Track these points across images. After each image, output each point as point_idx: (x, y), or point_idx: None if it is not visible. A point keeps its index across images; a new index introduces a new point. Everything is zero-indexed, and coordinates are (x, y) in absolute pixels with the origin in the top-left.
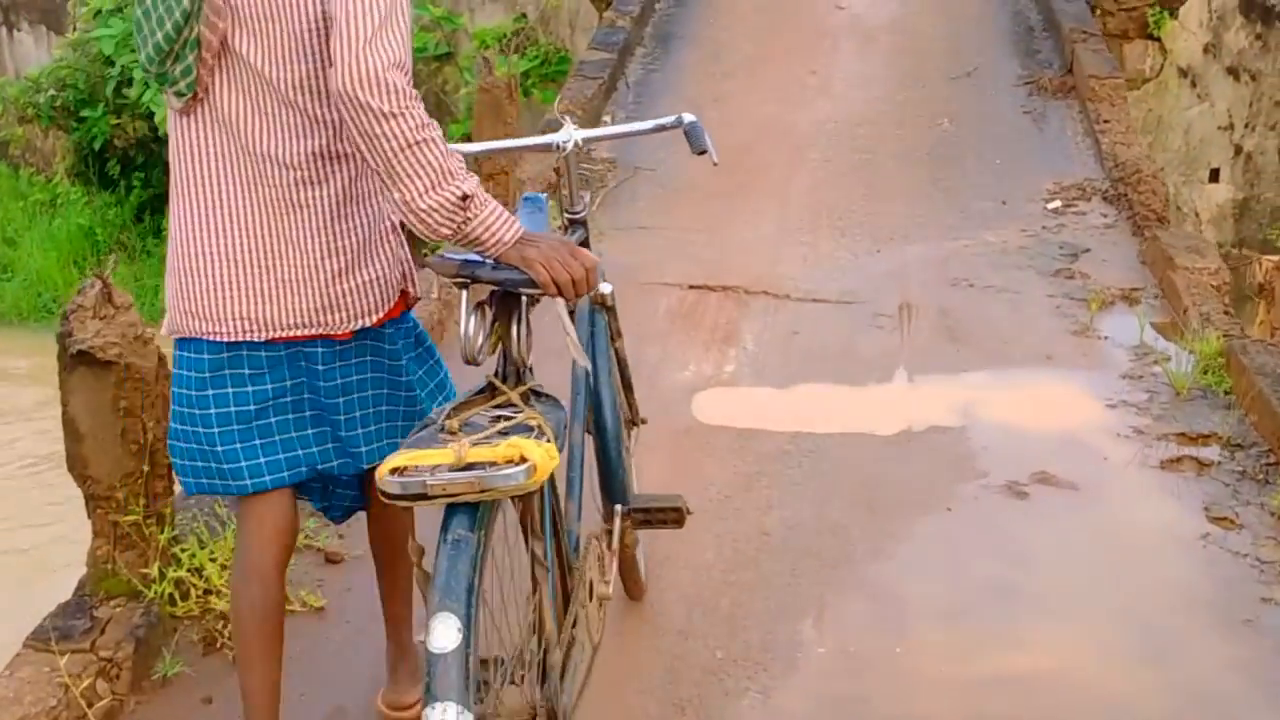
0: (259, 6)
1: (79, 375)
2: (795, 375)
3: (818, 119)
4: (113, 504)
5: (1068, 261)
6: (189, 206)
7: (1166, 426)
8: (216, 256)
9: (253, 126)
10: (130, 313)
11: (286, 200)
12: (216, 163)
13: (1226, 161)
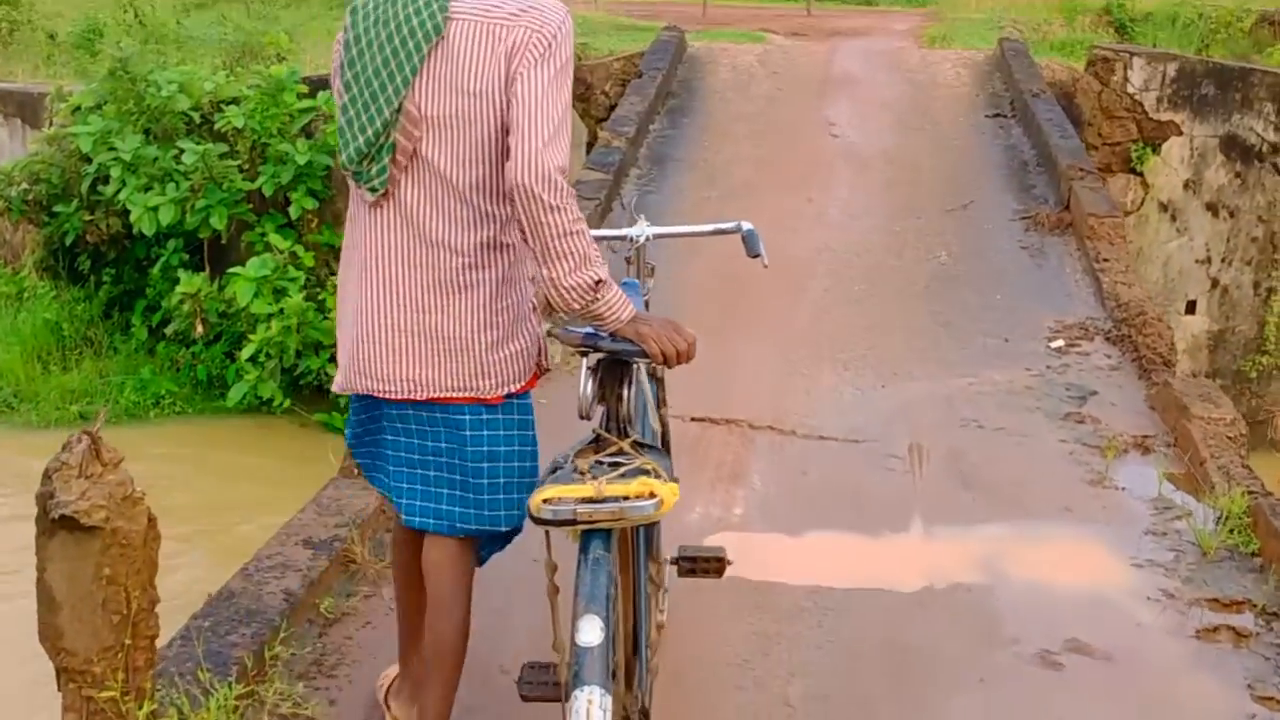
0: (450, 118)
1: (59, 541)
2: (807, 521)
3: (815, 247)
4: (88, 678)
5: (1076, 404)
6: (370, 283)
7: (1197, 590)
8: (391, 327)
9: (431, 219)
10: (120, 470)
11: (455, 282)
12: (396, 248)
13: (1203, 294)
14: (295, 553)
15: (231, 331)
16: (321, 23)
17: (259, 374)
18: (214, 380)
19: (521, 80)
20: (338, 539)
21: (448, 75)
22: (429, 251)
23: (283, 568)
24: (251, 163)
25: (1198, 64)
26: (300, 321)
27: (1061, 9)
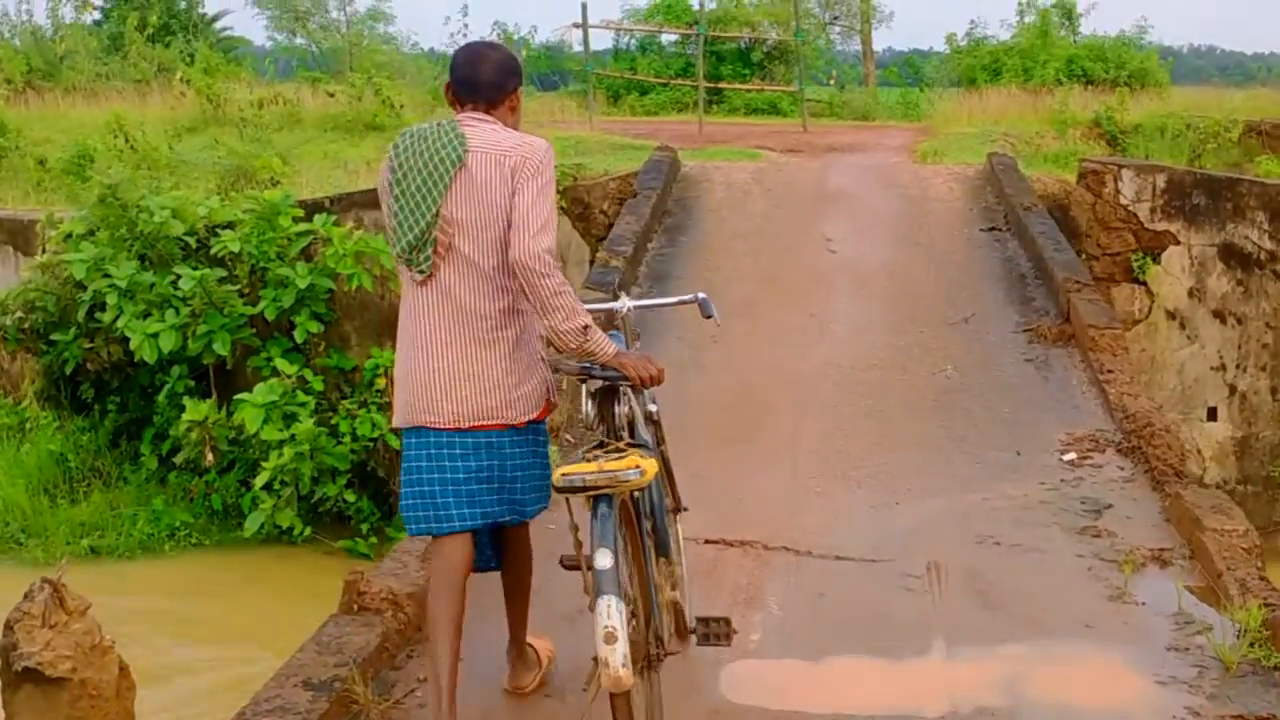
0: (473, 221)
1: (25, 694)
2: (827, 646)
3: (820, 363)
4: None
5: (1092, 518)
6: (420, 342)
7: (1222, 708)
8: (439, 373)
9: (464, 293)
10: (86, 618)
11: (485, 339)
12: (439, 315)
13: (1223, 400)
14: (294, 694)
15: (244, 459)
16: (314, 145)
17: (275, 502)
18: (230, 509)
19: (519, 192)
20: (338, 679)
21: (470, 192)
22: (464, 317)
23: (281, 711)
24: (251, 287)
25: (1186, 175)
26: (313, 447)
27: (1052, 122)
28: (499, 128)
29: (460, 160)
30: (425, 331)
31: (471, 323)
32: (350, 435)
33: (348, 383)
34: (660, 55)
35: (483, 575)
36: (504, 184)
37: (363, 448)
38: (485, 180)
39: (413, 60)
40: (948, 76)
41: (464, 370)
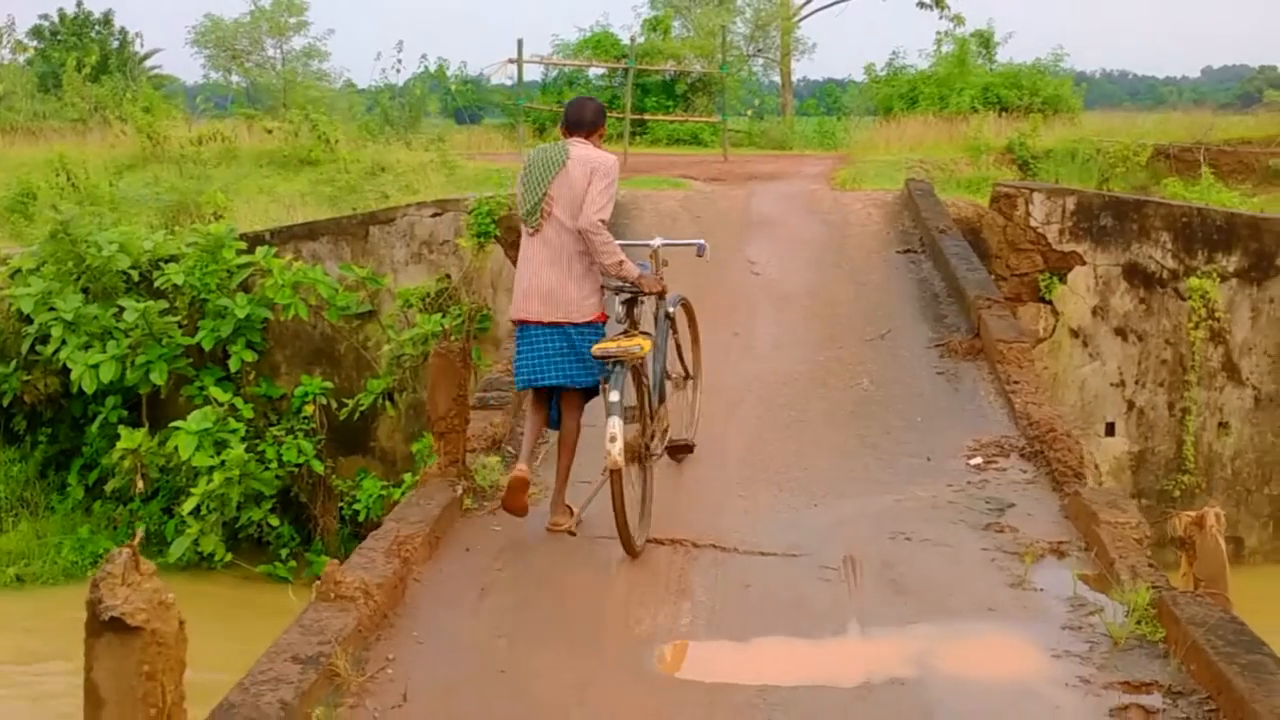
0: (565, 199)
1: (105, 641)
2: (752, 628)
3: (745, 378)
4: None
5: (995, 516)
6: (528, 271)
7: (1110, 676)
8: (536, 289)
9: (555, 238)
10: (154, 580)
11: (565, 271)
12: (540, 254)
13: (1121, 416)
14: (285, 668)
15: (169, 487)
16: (251, 180)
17: (201, 527)
18: (152, 537)
19: (592, 185)
20: (323, 655)
21: (565, 182)
22: (554, 256)
23: (275, 681)
24: (190, 318)
25: (1095, 198)
26: (242, 473)
27: (967, 149)
28: (589, 147)
29: (563, 164)
30: (531, 264)
31: (558, 260)
32: (277, 461)
33: (275, 410)
34: (587, 88)
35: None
36: (584, 179)
37: (288, 473)
38: (575, 177)
39: (345, 96)
40: (865, 106)
41: (553, 288)
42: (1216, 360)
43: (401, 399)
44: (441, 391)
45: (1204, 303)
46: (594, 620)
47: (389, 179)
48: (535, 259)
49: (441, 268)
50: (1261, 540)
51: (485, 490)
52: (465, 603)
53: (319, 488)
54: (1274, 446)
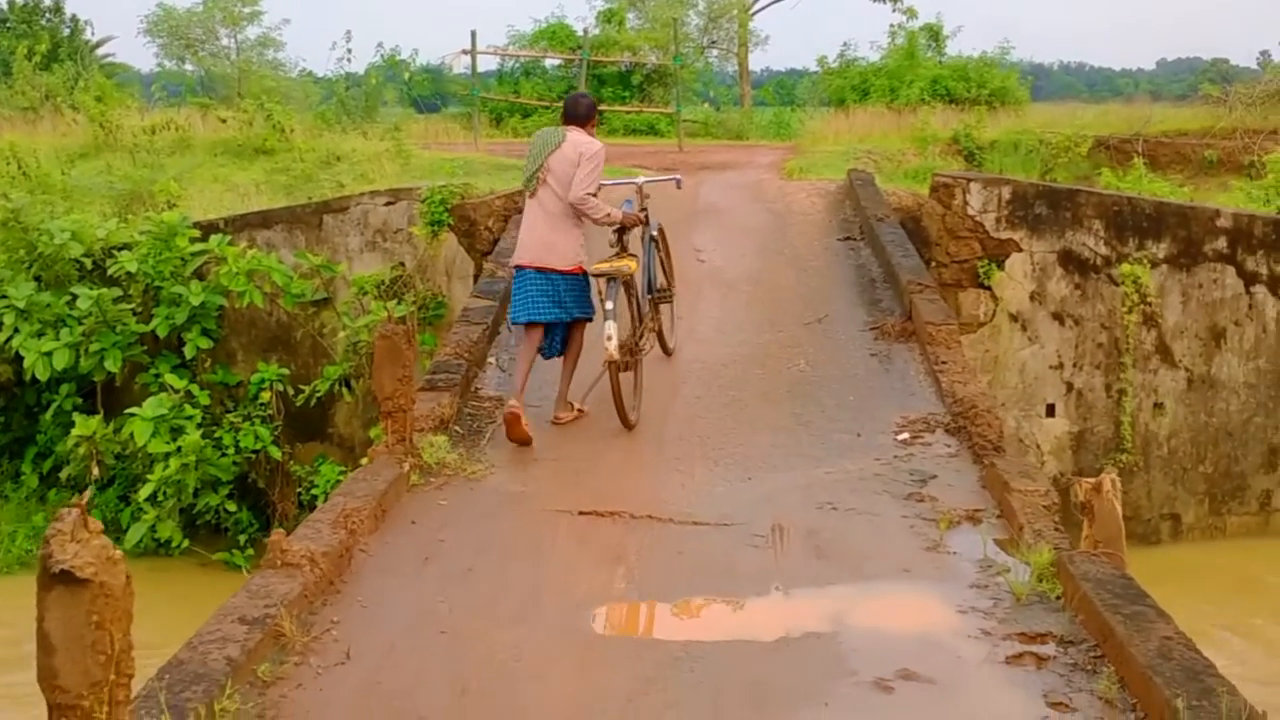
0: (557, 171)
1: (56, 593)
2: (682, 591)
3: (688, 360)
4: (78, 713)
5: (918, 486)
6: (526, 225)
7: (1009, 628)
8: (531, 241)
9: (549, 202)
10: (101, 537)
11: (558, 228)
12: (536, 213)
13: (1060, 398)
14: (232, 628)
15: (125, 474)
16: (205, 169)
17: (158, 514)
18: (109, 524)
19: (580, 165)
20: (269, 616)
21: (559, 158)
22: (546, 216)
23: (223, 640)
24: (144, 306)
25: (1029, 187)
26: (199, 459)
27: (914, 140)
28: (582, 134)
29: (559, 144)
30: (529, 221)
31: (550, 219)
32: (234, 448)
33: (231, 397)
34: (543, 79)
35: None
36: (574, 159)
37: (245, 459)
38: (568, 156)
39: (300, 85)
40: (819, 97)
41: (544, 241)
42: (1150, 343)
43: (358, 385)
44: (386, 372)
45: (1136, 288)
46: (533, 586)
47: (344, 168)
48: (532, 217)
49: (396, 256)
50: (1198, 516)
51: (432, 467)
52: (409, 571)
53: (277, 473)
54: (1207, 426)
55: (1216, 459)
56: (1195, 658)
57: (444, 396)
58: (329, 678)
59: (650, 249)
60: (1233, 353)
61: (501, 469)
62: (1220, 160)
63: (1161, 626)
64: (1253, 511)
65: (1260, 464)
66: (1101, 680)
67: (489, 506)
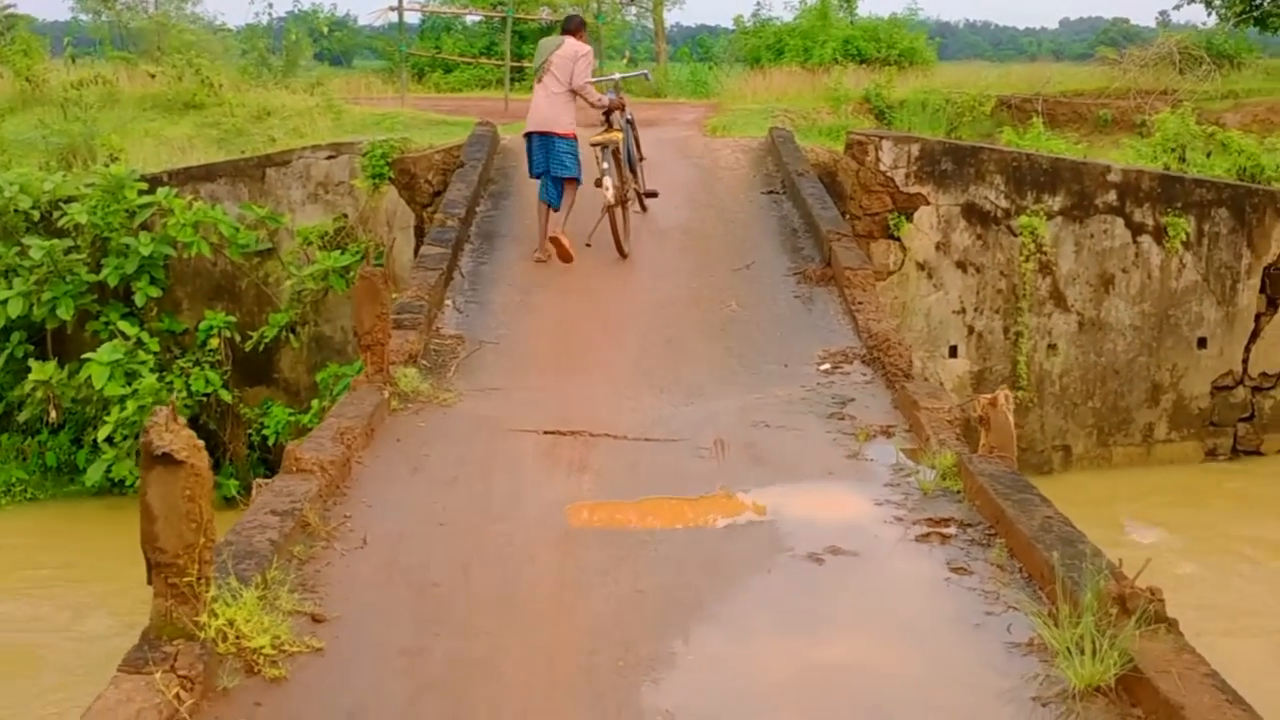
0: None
1: (156, 472)
2: (640, 492)
3: (629, 301)
4: (174, 569)
5: (839, 408)
6: (533, 103)
7: (918, 515)
8: (536, 112)
9: (551, 85)
10: (186, 429)
11: (556, 104)
12: (541, 94)
13: (962, 340)
14: (267, 519)
15: (76, 419)
16: (138, 124)
17: (115, 454)
18: (64, 466)
19: (577, 62)
20: (295, 509)
21: (560, 55)
22: (548, 94)
23: (261, 527)
24: (93, 256)
25: (936, 145)
26: (155, 400)
27: (828, 99)
28: (576, 41)
29: (559, 46)
30: (536, 100)
31: (551, 99)
32: (185, 391)
33: (178, 344)
34: (464, 34)
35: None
36: (573, 56)
37: (196, 403)
38: (566, 54)
39: (219, 40)
40: (735, 55)
41: (546, 115)
42: (1045, 289)
43: (303, 331)
44: (366, 309)
45: (1033, 238)
46: (512, 491)
47: (275, 123)
48: (538, 98)
49: (338, 208)
50: (1087, 447)
51: (408, 395)
52: (402, 479)
53: (227, 416)
54: (1095, 365)
55: (1104, 395)
56: (1070, 530)
57: (411, 334)
58: (352, 558)
59: (627, 128)
60: (1120, 298)
61: (469, 397)
62: (1114, 119)
63: (1044, 509)
64: (1136, 443)
65: (1144, 399)
66: (994, 550)
67: (463, 428)
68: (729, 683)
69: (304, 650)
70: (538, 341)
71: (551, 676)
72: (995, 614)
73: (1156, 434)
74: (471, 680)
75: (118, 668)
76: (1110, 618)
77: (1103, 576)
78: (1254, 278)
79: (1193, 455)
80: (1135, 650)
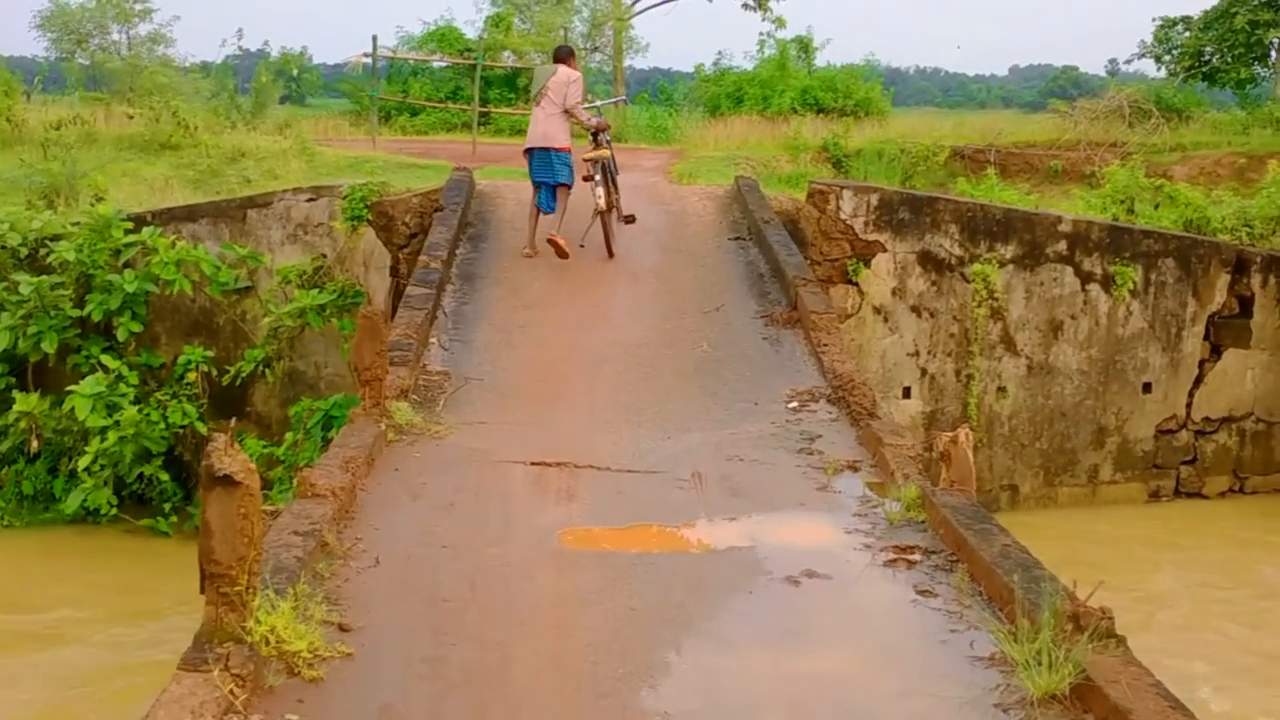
0: (554, 90)
1: (216, 492)
2: (627, 519)
3: (606, 341)
4: (226, 580)
5: (807, 443)
6: (534, 123)
7: (886, 543)
8: (539, 132)
9: (548, 108)
10: (243, 453)
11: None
12: (540, 115)
13: (916, 381)
14: (290, 539)
15: (53, 450)
16: (117, 164)
17: (94, 483)
18: (40, 494)
19: (570, 87)
20: (315, 530)
21: (555, 80)
22: (547, 115)
23: (287, 546)
24: (77, 292)
25: (894, 194)
26: (135, 431)
27: (787, 147)
28: (567, 68)
29: (554, 73)
30: (536, 120)
31: (548, 119)
32: (163, 423)
33: (155, 378)
34: (431, 79)
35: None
36: (567, 81)
37: (173, 434)
38: (560, 79)
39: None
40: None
41: (545, 133)
42: (996, 334)
43: (278, 367)
44: (366, 346)
45: (985, 285)
46: (506, 516)
47: (250, 164)
48: (538, 117)
49: (316, 248)
50: (1034, 487)
51: (403, 427)
52: (404, 505)
53: (202, 447)
54: (1043, 407)
55: (1051, 436)
56: (1027, 557)
57: (402, 370)
58: (368, 575)
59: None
60: (1069, 343)
61: (458, 430)
62: (1065, 170)
63: (1002, 537)
64: (1082, 483)
65: (1089, 442)
66: (957, 575)
67: (455, 458)
68: (719, 689)
69: (336, 655)
70: (520, 378)
71: (560, 682)
72: (959, 631)
73: (1102, 475)
74: (489, 684)
75: (178, 666)
76: (1065, 634)
77: (1059, 597)
78: (1198, 325)
79: (1136, 496)
80: (1088, 662)
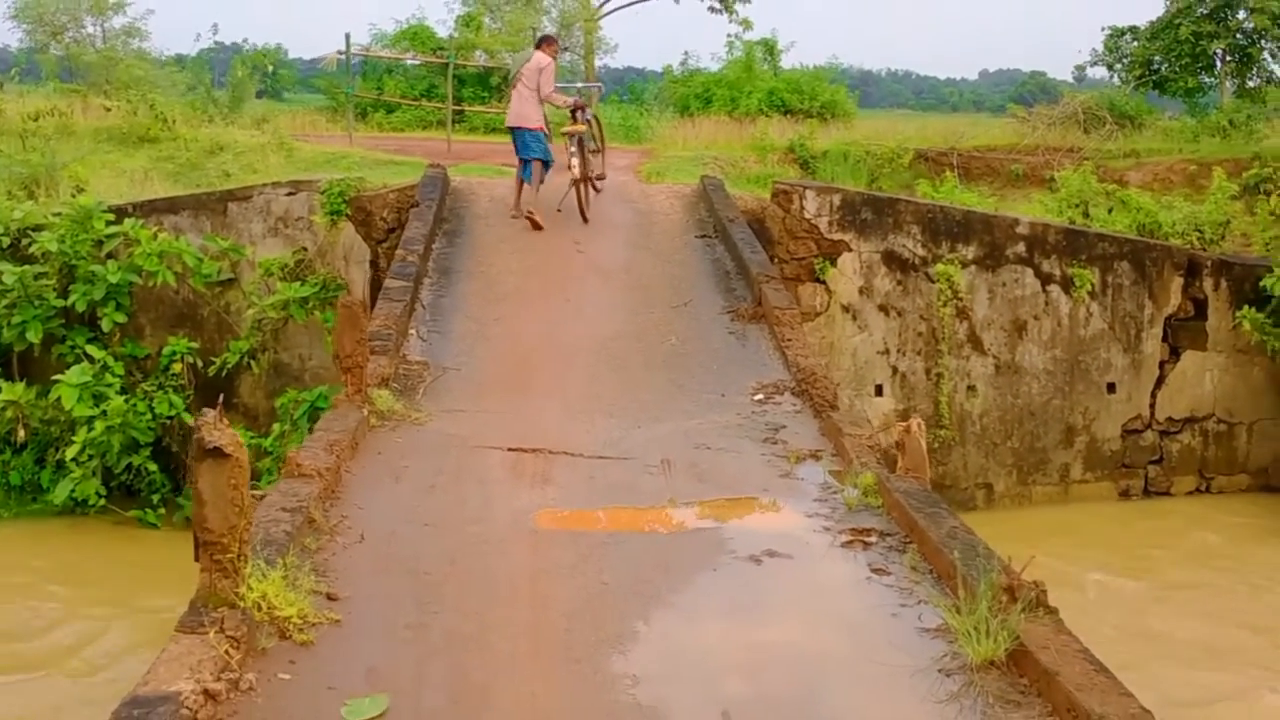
0: (528, 74)
1: (207, 464)
2: (599, 501)
3: (577, 335)
4: (218, 547)
5: (771, 433)
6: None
7: (843, 526)
8: (515, 110)
9: (524, 91)
10: (231, 428)
11: (528, 103)
12: (517, 96)
13: (887, 379)
14: (279, 515)
15: (39, 440)
16: (96, 155)
17: (83, 473)
18: (27, 485)
19: (543, 73)
20: (301, 507)
21: (530, 66)
22: (523, 96)
23: (275, 521)
24: (61, 282)
25: (856, 195)
26: (122, 421)
27: (754, 148)
28: (542, 54)
29: (530, 58)
30: (514, 101)
31: (524, 100)
32: (149, 414)
33: (140, 369)
34: (405, 77)
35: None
36: (538, 68)
37: (159, 425)
38: (533, 66)
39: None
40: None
41: (522, 113)
42: (963, 333)
43: (263, 358)
44: (347, 335)
45: (949, 285)
46: (484, 498)
47: (229, 158)
48: (515, 100)
49: (297, 241)
50: (1007, 486)
51: (384, 414)
52: (386, 486)
53: (190, 438)
54: (1013, 406)
55: (1022, 435)
56: (972, 538)
57: (382, 359)
58: (353, 550)
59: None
60: (1033, 343)
61: (438, 417)
62: (1025, 174)
63: (950, 520)
64: (1054, 482)
65: (1059, 441)
66: (908, 555)
67: (435, 443)
68: (684, 655)
69: (325, 621)
70: (496, 368)
71: (535, 647)
72: (909, 606)
73: (1073, 474)
74: (469, 650)
75: (175, 628)
76: (1001, 604)
77: (995, 571)
78: (1156, 327)
79: (1107, 495)
80: (1022, 631)
